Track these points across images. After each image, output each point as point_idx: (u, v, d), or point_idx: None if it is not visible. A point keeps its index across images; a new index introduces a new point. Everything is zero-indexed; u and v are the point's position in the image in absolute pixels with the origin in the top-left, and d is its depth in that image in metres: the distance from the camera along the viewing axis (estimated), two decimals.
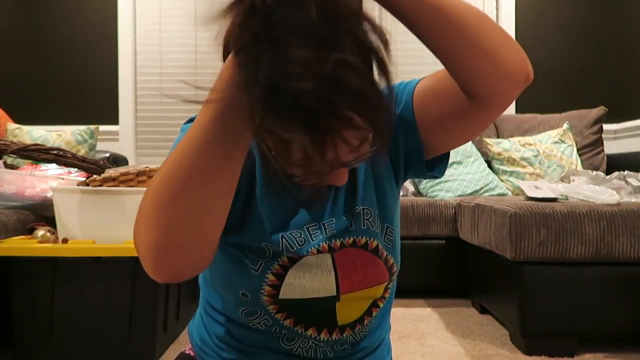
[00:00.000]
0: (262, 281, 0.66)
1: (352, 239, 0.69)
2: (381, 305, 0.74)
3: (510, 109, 3.22)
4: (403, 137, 0.69)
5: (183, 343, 1.69)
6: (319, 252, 0.67)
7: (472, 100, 0.60)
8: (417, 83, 0.67)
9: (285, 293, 0.67)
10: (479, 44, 0.55)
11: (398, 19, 0.56)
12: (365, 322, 0.73)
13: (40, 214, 1.70)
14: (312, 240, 0.67)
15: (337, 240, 0.68)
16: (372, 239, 0.69)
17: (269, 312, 0.69)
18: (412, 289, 2.35)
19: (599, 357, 1.59)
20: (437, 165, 0.72)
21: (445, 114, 0.64)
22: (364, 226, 0.69)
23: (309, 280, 0.67)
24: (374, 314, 0.73)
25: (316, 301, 0.68)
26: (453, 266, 2.32)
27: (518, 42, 0.57)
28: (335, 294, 0.68)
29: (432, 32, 0.55)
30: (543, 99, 3.20)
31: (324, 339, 0.71)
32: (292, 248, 0.67)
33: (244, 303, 0.69)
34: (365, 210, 0.70)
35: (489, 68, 0.56)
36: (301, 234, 0.67)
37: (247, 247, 0.66)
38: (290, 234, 0.67)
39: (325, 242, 0.68)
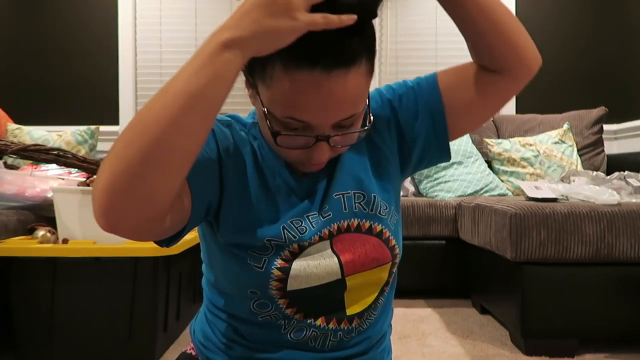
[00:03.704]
0: (268, 277, 0.67)
1: (346, 222, 0.71)
2: (386, 291, 0.76)
3: (511, 109, 3.22)
4: (427, 127, 0.73)
5: (183, 343, 1.69)
6: (320, 238, 0.69)
7: (497, 74, 0.69)
8: (436, 75, 0.73)
9: (292, 285, 0.68)
10: (509, 33, 0.66)
11: (445, 7, 0.66)
12: (372, 308, 0.74)
13: (40, 214, 1.71)
14: (313, 228, 0.69)
15: (335, 224, 0.70)
16: (365, 220, 0.71)
17: (278, 306, 0.69)
18: (412, 289, 2.35)
19: (599, 357, 1.59)
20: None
21: (473, 93, 0.71)
22: (355, 209, 0.71)
23: (314, 269, 0.68)
24: (380, 300, 0.75)
25: (324, 289, 0.69)
26: (453, 266, 2.32)
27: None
28: (340, 276, 0.69)
29: (476, 22, 0.66)
30: (543, 99, 3.20)
31: (332, 328, 0.72)
32: (295, 237, 0.68)
33: (255, 298, 0.70)
34: (357, 194, 0.72)
35: (512, 50, 0.67)
36: (301, 222, 0.69)
37: (249, 246, 0.67)
38: (291, 222, 0.69)
39: (326, 228, 0.70)
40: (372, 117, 0.66)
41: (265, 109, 0.60)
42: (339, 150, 0.66)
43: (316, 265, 0.68)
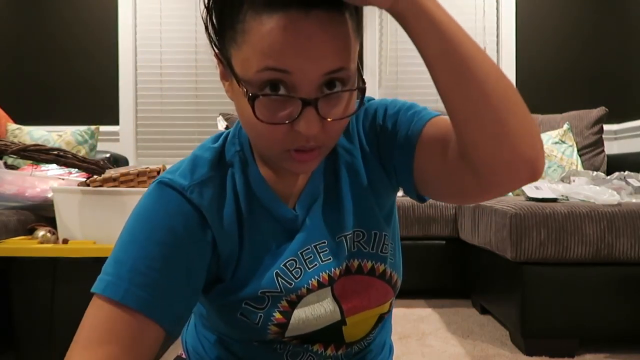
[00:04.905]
0: (265, 330, 0.64)
1: (345, 264, 0.66)
2: (386, 317, 0.73)
3: None
4: (396, 170, 0.65)
5: None
6: (319, 284, 0.65)
7: (469, 172, 0.54)
8: (428, 122, 0.61)
9: (290, 332, 0.65)
10: (498, 118, 0.49)
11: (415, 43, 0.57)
12: (371, 332, 0.72)
13: (40, 214, 1.70)
14: (309, 269, 0.64)
15: (336, 268, 0.65)
16: (366, 261, 0.67)
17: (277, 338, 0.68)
18: (412, 290, 2.35)
19: (599, 357, 1.59)
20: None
21: (443, 173, 0.58)
22: (354, 248, 0.67)
23: (314, 319, 0.65)
24: (379, 324, 0.73)
25: (323, 329, 0.67)
26: (453, 267, 2.32)
27: (519, 43, 0.55)
28: (340, 318, 0.67)
29: (448, 75, 0.53)
30: (543, 99, 3.20)
31: (330, 354, 0.70)
32: (290, 284, 0.63)
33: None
34: (356, 232, 0.67)
35: (498, 150, 0.50)
36: (296, 262, 0.63)
37: (244, 299, 0.63)
38: (284, 266, 0.63)
39: (325, 272, 0.64)
40: (365, 83, 0.55)
41: (242, 80, 0.53)
42: (330, 129, 0.54)
43: (316, 317, 0.65)
